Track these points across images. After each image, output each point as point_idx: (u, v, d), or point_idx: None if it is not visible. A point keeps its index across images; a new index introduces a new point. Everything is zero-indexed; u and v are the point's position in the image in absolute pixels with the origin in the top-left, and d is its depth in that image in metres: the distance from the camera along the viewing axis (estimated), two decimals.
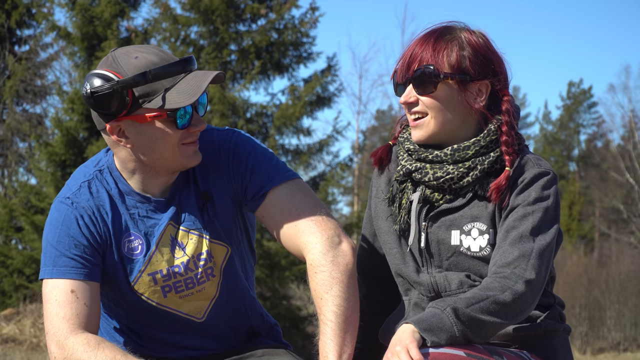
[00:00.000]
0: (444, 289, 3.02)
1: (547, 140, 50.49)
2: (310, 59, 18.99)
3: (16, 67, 25.65)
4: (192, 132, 3.04)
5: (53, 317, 3.01)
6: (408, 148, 3.09)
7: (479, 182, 3.02)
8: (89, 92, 2.97)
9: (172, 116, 2.98)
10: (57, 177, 18.14)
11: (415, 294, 3.10)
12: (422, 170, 3.03)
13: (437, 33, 3.03)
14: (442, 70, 2.99)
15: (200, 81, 2.97)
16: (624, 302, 25.07)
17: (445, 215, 3.04)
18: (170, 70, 2.97)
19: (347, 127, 19.40)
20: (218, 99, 17.06)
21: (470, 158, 3.01)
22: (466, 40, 3.01)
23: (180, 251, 3.16)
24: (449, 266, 3.03)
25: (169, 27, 18.47)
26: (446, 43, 3.00)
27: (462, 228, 3.01)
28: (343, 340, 2.92)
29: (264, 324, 3.40)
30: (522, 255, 2.86)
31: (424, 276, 3.05)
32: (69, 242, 3.07)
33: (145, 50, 3.01)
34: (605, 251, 35.59)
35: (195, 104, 3.04)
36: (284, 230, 3.11)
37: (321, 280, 2.98)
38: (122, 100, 2.96)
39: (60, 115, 19.29)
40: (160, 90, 2.96)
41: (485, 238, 2.99)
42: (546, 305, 3.09)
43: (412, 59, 3.02)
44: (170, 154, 3.05)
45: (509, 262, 2.86)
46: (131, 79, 2.94)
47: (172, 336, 3.26)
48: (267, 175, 3.14)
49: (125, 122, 3.01)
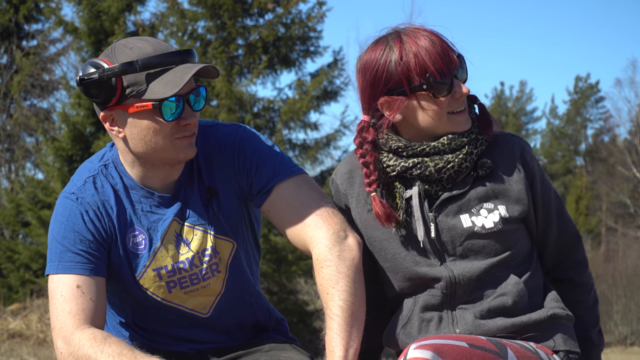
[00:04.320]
0: (462, 280, 3.01)
1: (554, 134, 50.48)
2: (317, 54, 18.97)
3: (24, 62, 25.67)
4: (182, 125, 3.01)
5: (59, 312, 3.01)
6: (397, 147, 3.05)
7: (476, 164, 3.05)
8: (78, 79, 2.98)
9: (158, 107, 2.96)
10: (64, 172, 18.16)
11: (424, 294, 3.07)
12: (422, 165, 3.02)
13: (431, 32, 3.01)
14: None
15: (185, 72, 2.96)
16: (630, 297, 25.04)
17: (451, 203, 3.04)
18: (160, 60, 2.95)
19: (355, 121, 19.37)
20: (225, 94, 17.07)
21: (466, 144, 3.03)
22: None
23: (185, 247, 3.16)
24: (463, 252, 3.02)
25: (176, 22, 18.46)
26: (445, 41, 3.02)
27: (471, 211, 3.02)
28: (349, 335, 2.91)
29: (270, 318, 3.39)
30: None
31: (440, 270, 3.03)
32: (75, 237, 3.07)
33: (143, 42, 3.00)
34: (612, 246, 35.59)
35: (187, 97, 3.01)
36: (290, 225, 3.10)
37: (327, 274, 2.98)
38: (111, 89, 2.95)
39: (67, 110, 19.29)
40: (147, 81, 2.95)
41: (496, 214, 3.01)
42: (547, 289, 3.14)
43: (448, 53, 2.99)
44: (162, 147, 3.03)
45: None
46: (118, 67, 2.93)
47: (179, 330, 3.26)
48: (273, 170, 3.13)
49: (116, 112, 3.01)
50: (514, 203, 3.04)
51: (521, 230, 3.08)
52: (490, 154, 3.08)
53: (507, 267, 3.03)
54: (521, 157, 3.07)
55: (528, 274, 3.06)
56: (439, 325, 3.03)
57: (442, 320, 3.03)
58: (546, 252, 3.18)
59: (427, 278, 3.05)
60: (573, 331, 3.11)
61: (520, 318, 3.00)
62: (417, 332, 3.06)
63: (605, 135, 50.70)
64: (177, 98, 2.97)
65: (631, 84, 52.79)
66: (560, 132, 50.39)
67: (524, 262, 3.09)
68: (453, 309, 3.03)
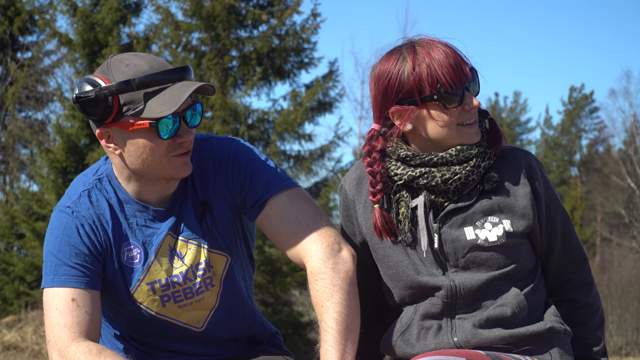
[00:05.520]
0: (463, 290, 3.01)
1: (549, 145, 50.48)
2: (312, 65, 19.01)
3: (18, 73, 25.67)
4: (178, 143, 3.02)
5: (54, 325, 3.01)
6: (406, 155, 3.06)
7: (483, 177, 3.06)
8: (75, 97, 2.98)
9: (155, 125, 2.96)
10: (59, 183, 18.15)
11: (425, 303, 3.08)
12: (429, 175, 3.02)
13: (445, 45, 3.03)
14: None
15: (183, 92, 2.95)
16: (625, 307, 25.02)
17: (456, 215, 3.04)
18: (157, 79, 2.95)
19: (349, 132, 19.42)
20: (219, 106, 17.09)
21: (474, 157, 3.03)
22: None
23: (179, 261, 3.16)
24: (466, 264, 3.02)
25: (171, 34, 18.49)
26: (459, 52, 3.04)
27: (475, 224, 3.02)
28: (344, 347, 2.92)
29: (265, 332, 3.40)
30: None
31: (442, 279, 3.03)
32: (70, 250, 3.08)
33: (139, 58, 3.00)
34: (607, 256, 35.57)
35: (183, 114, 3.01)
36: (284, 238, 3.11)
37: (322, 287, 2.98)
38: (107, 107, 2.95)
39: (62, 122, 19.29)
40: (145, 99, 2.95)
41: (500, 228, 3.01)
42: (548, 304, 3.14)
43: (460, 66, 3.01)
44: (158, 164, 3.03)
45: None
46: (115, 86, 2.93)
47: (173, 343, 3.26)
48: (267, 184, 3.14)
49: (112, 129, 3.01)
50: (519, 218, 3.04)
51: (525, 245, 3.08)
52: (498, 168, 3.08)
53: (509, 280, 3.04)
54: (528, 172, 3.08)
55: (530, 287, 3.06)
56: (437, 333, 3.03)
57: (441, 329, 3.03)
58: (550, 269, 3.17)
59: (428, 287, 3.05)
60: (570, 347, 3.11)
61: (518, 329, 3.00)
62: (415, 340, 3.06)
63: (600, 145, 50.76)
64: (174, 115, 2.97)
65: (625, 94, 52.72)
66: (555, 142, 50.40)
67: (527, 277, 3.09)
68: (452, 317, 3.03)
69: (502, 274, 3.02)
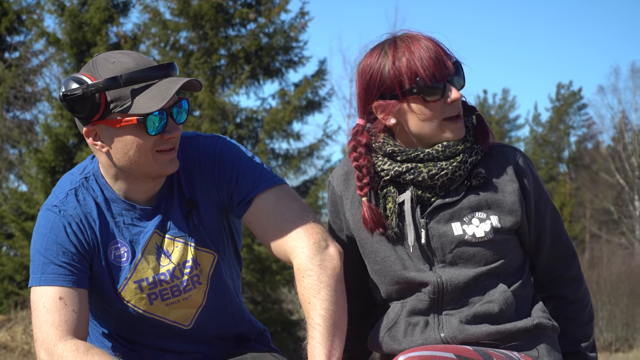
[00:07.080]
0: (450, 286, 3.02)
1: (537, 142, 50.53)
2: (300, 63, 19.03)
3: (6, 73, 25.58)
4: (165, 139, 3.02)
5: (42, 324, 3.01)
6: (392, 151, 3.06)
7: (470, 173, 3.06)
8: (61, 95, 2.98)
9: (142, 122, 2.96)
10: (47, 183, 18.12)
11: (412, 298, 3.08)
12: (415, 170, 3.03)
13: (427, 38, 3.03)
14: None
15: (170, 87, 2.96)
16: (615, 303, 25.06)
17: (443, 210, 3.04)
18: (143, 75, 2.95)
19: (338, 131, 19.49)
20: (208, 104, 17.09)
21: (461, 153, 3.04)
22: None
23: (165, 259, 3.16)
24: (453, 259, 3.03)
25: (159, 33, 18.49)
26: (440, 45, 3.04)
27: (463, 219, 3.03)
28: (332, 344, 2.92)
29: (252, 329, 3.40)
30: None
31: (428, 275, 3.03)
32: (57, 249, 3.07)
33: (125, 56, 3.00)
34: (596, 252, 35.59)
35: (170, 111, 3.02)
36: (270, 236, 3.11)
37: (309, 284, 2.99)
38: (94, 105, 2.95)
39: (50, 122, 19.28)
40: (132, 96, 2.95)
41: (487, 224, 3.02)
42: (536, 300, 3.15)
43: (442, 59, 3.00)
44: (145, 161, 3.03)
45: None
46: (102, 82, 2.92)
47: (161, 341, 3.26)
48: (253, 182, 3.14)
49: (99, 127, 3.01)
50: (507, 214, 3.04)
51: (513, 241, 3.09)
52: (486, 164, 3.08)
53: (497, 276, 3.04)
54: (516, 168, 3.09)
55: (518, 284, 3.07)
56: (424, 329, 3.04)
57: (428, 325, 3.04)
58: (539, 265, 3.18)
59: (415, 282, 3.06)
60: (557, 343, 3.12)
61: (506, 325, 3.00)
62: (402, 336, 3.06)
63: (589, 142, 50.81)
64: (161, 112, 2.98)
65: (614, 90, 52.88)
66: (544, 139, 50.44)
67: (515, 273, 3.09)
68: (439, 313, 3.03)
69: (490, 270, 3.02)
